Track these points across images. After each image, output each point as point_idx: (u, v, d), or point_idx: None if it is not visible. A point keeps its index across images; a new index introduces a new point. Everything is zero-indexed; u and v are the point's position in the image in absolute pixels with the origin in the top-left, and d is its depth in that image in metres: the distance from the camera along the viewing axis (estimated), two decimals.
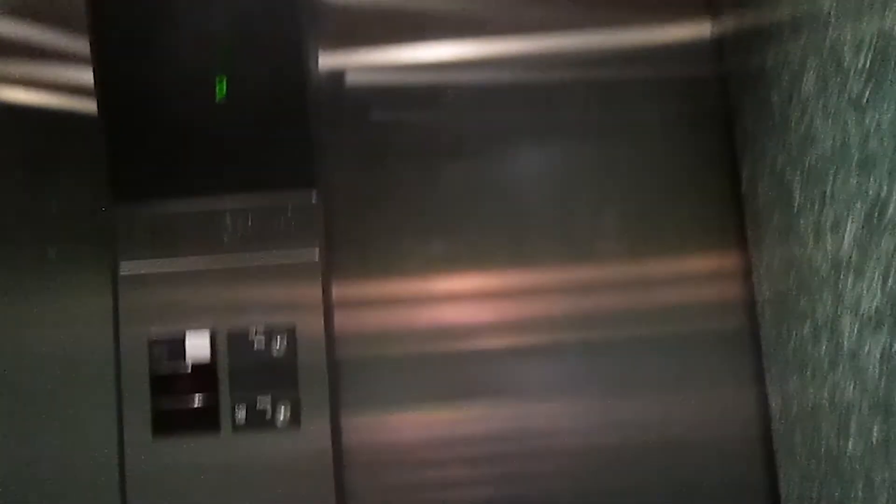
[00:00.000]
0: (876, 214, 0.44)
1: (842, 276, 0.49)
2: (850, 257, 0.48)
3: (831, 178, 0.49)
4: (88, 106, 0.64)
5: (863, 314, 0.47)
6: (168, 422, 0.63)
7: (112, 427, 0.63)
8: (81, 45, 0.63)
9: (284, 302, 0.64)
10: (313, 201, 0.64)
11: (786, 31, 0.54)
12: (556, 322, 0.67)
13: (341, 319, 0.66)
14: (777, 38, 0.56)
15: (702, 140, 0.68)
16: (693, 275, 0.68)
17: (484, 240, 0.68)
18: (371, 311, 0.67)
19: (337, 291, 0.67)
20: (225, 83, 0.61)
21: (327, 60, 0.68)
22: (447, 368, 0.67)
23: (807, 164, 0.53)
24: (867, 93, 0.44)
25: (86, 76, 0.64)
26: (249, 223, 0.64)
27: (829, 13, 0.47)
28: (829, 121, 0.49)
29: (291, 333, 0.63)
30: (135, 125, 0.63)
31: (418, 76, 0.69)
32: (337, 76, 0.68)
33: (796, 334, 0.57)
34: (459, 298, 0.68)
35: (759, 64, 0.60)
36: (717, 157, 0.68)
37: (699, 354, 0.67)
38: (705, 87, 0.69)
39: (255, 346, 0.63)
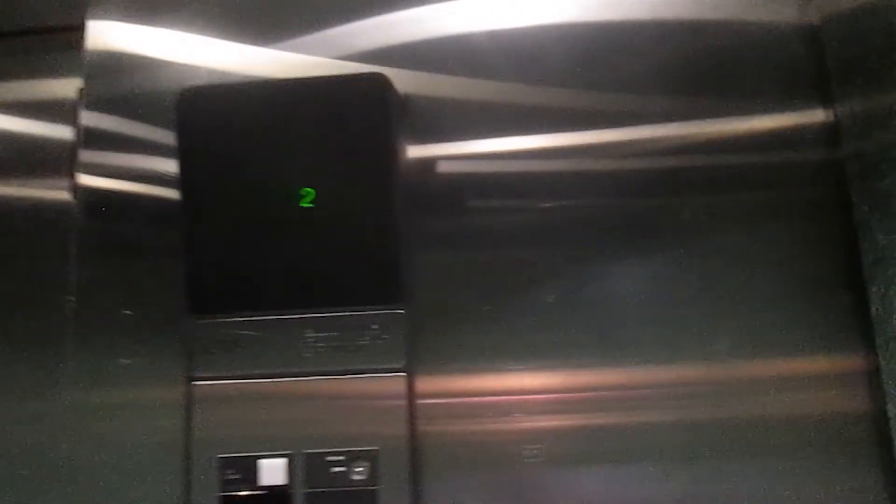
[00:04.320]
0: None
1: None
2: None
3: None
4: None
5: None
6: None
7: None
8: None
9: (367, 425, 0.59)
10: (401, 318, 0.60)
11: None
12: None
13: (427, 443, 0.61)
14: None
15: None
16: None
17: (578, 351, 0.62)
18: (459, 435, 0.62)
19: (423, 413, 0.62)
20: (311, 195, 0.59)
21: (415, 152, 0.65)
22: (539, 485, 0.61)
23: None
24: None
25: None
26: (331, 341, 0.60)
27: None
28: None
29: (374, 459, 0.58)
30: (217, 242, 0.61)
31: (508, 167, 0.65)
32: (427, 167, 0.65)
33: None
34: (552, 412, 0.62)
35: None
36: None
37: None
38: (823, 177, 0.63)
39: (334, 471, 0.58)
